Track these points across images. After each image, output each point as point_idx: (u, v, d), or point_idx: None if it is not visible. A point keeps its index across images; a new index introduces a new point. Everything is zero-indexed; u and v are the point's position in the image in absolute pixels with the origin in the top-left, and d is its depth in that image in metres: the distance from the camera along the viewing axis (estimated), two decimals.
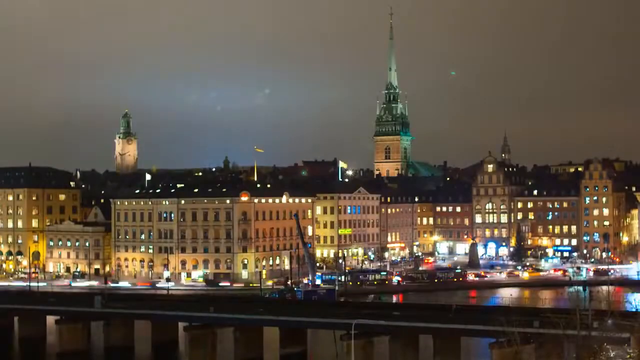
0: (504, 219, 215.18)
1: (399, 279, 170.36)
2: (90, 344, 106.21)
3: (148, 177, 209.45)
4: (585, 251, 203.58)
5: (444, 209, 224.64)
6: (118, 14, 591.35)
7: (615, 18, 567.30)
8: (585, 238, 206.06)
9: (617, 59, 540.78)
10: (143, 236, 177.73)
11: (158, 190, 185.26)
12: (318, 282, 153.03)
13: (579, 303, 79.06)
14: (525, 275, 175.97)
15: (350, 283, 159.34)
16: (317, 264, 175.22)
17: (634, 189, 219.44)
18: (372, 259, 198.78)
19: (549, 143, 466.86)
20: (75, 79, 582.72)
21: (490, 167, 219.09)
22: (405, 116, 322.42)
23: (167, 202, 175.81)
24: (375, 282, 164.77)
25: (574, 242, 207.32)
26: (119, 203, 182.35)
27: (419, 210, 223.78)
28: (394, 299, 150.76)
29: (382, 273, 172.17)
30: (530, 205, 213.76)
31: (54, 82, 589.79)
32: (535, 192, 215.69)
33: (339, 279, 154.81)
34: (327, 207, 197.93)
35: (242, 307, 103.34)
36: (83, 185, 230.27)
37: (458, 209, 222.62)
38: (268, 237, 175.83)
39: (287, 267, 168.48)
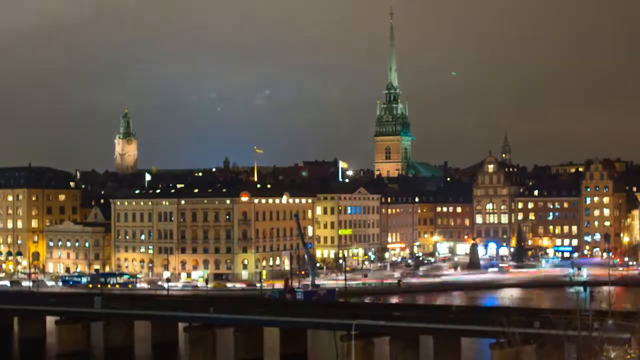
0: (504, 219, 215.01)
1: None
2: (90, 344, 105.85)
3: (148, 177, 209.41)
4: (585, 252, 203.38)
5: (445, 209, 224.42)
6: (118, 13, 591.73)
7: (615, 18, 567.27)
8: (586, 238, 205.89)
9: (619, 59, 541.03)
10: (143, 236, 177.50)
11: (158, 191, 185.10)
12: None
13: (579, 303, 78.75)
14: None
15: (90, 286, 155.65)
16: (317, 265, 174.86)
17: (634, 189, 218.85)
18: (372, 259, 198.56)
19: (549, 143, 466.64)
20: (75, 79, 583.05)
21: (490, 168, 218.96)
22: (405, 116, 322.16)
23: (167, 202, 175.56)
24: (117, 286, 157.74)
25: (575, 242, 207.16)
26: (119, 203, 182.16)
27: (419, 211, 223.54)
28: None
29: (126, 275, 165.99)
30: (530, 205, 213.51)
31: (54, 82, 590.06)
32: (535, 192, 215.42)
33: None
34: (328, 208, 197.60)
35: (242, 307, 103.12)
36: (83, 186, 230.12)
37: (458, 210, 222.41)
38: (268, 237, 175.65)
39: (287, 267, 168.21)
